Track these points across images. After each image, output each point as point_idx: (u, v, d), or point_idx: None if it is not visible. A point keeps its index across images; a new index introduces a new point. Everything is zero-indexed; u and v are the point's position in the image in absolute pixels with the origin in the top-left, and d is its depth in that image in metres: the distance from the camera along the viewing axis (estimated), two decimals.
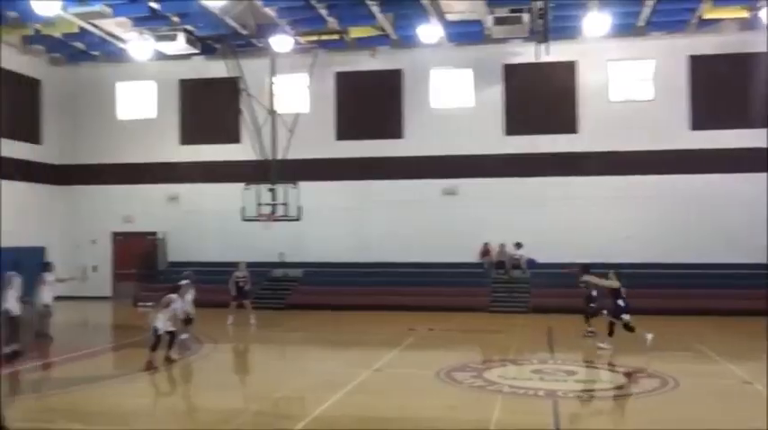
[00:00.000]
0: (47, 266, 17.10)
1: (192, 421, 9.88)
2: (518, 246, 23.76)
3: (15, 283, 14.70)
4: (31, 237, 25.13)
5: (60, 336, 16.87)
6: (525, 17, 20.15)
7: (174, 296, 14.02)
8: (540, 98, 24.51)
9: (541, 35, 20.56)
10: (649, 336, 14.10)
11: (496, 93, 24.87)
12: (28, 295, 15.67)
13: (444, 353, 15.32)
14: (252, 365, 15.31)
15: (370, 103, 25.58)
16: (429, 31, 22.54)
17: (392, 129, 25.40)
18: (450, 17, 22.19)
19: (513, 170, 24.31)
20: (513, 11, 20.23)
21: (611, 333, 14.47)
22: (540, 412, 9.84)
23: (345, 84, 25.73)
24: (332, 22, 22.68)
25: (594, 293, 16.11)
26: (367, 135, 25.34)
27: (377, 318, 20.41)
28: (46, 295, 16.29)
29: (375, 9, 21.33)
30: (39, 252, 24.88)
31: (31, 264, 17.85)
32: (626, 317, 14.26)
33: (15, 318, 14.56)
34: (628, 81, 24.40)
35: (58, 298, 17.13)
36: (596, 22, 21.53)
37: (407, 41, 24.24)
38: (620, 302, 14.34)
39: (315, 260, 24.89)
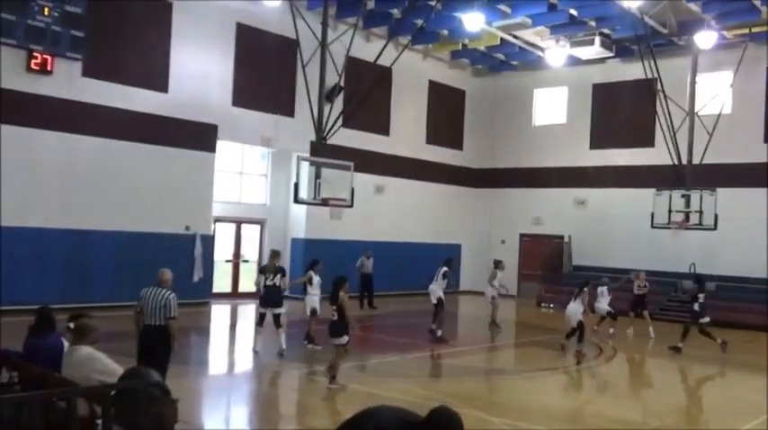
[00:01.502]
0: (498, 264, 18.85)
1: (585, 425, 9.80)
2: None
3: (447, 276, 16.66)
4: (452, 234, 27.64)
5: (470, 328, 18.22)
6: None
7: (586, 291, 15.01)
8: None
9: None
10: None
11: None
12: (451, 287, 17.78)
13: None
14: (651, 378, 14.56)
15: None
16: None
17: None
18: None
19: None
20: None
21: None
22: None
23: None
24: (766, 12, 20.42)
25: (697, 308, 15.57)
26: None
27: None
28: (491, 289, 18.29)
29: None
30: (456, 249, 27.22)
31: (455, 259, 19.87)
32: None
33: (443, 305, 16.34)
34: None
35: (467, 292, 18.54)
36: None
37: None
38: None
39: (730, 274, 22.67)
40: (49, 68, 16.66)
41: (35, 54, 16.39)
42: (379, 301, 21.53)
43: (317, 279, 14.09)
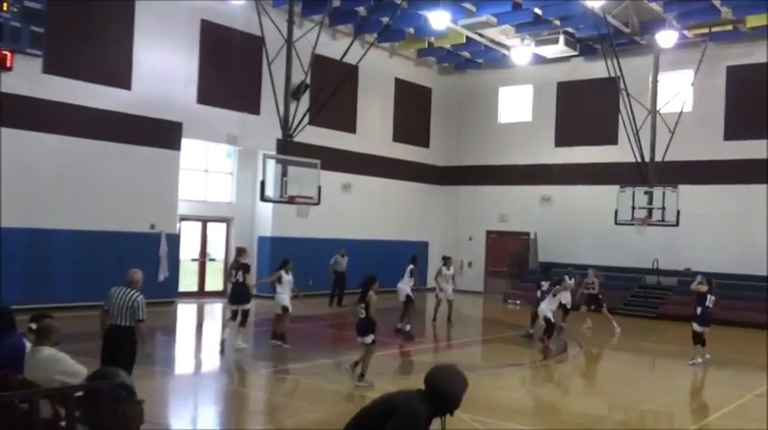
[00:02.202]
0: (447, 261, 19.02)
1: (553, 420, 9.90)
2: None
3: (414, 273, 17.25)
4: (419, 232, 27.73)
5: (438, 325, 18.32)
6: None
7: (558, 288, 15.65)
8: None
9: None
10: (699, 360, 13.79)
11: None
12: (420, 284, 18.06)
13: None
14: (617, 373, 14.75)
15: None
16: None
17: None
18: None
19: None
20: None
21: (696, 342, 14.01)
22: None
23: (737, 78, 23.35)
24: (726, 12, 20.82)
25: (539, 295, 16.29)
26: (765, 134, 22.67)
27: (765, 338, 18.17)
28: (444, 286, 18.58)
29: None
30: (423, 246, 27.31)
31: (419, 256, 20.09)
32: (696, 326, 13.94)
33: (413, 302, 16.86)
34: None
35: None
36: None
37: None
38: (699, 310, 13.87)
39: (692, 269, 23.07)
40: (8, 65, 16.26)
41: None
42: (348, 299, 21.49)
43: (287, 278, 14.10)
